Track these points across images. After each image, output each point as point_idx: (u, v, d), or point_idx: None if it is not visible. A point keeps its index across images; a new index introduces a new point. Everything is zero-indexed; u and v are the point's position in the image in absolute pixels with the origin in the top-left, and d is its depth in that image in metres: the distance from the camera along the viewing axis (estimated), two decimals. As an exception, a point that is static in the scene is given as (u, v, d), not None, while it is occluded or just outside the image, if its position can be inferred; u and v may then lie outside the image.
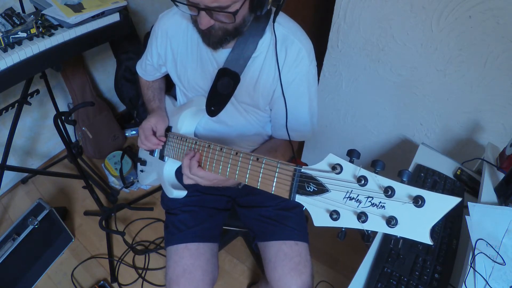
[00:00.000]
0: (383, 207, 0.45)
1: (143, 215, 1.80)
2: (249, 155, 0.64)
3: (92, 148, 2.02)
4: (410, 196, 0.43)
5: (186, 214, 1.02)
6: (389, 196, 0.44)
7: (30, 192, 1.93)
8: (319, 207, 0.51)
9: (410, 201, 0.43)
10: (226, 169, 0.70)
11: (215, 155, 0.73)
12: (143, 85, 1.15)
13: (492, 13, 0.97)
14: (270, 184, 0.59)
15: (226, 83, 0.85)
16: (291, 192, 0.55)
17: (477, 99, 1.14)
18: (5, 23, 1.15)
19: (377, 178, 0.45)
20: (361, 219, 0.46)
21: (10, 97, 1.63)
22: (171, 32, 0.92)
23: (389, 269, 0.80)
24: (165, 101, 1.13)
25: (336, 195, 0.49)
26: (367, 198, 0.46)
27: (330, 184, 0.49)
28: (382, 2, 1.15)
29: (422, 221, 0.43)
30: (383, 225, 0.45)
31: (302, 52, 0.84)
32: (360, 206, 0.47)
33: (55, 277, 1.55)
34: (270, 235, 0.99)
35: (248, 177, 0.64)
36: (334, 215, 0.48)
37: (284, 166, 0.57)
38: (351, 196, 0.47)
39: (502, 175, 0.96)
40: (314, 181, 0.51)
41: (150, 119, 1.00)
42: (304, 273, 0.93)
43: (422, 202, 0.42)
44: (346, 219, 0.48)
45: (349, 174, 0.47)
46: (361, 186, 0.46)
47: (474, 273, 0.72)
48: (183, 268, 0.93)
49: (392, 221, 0.44)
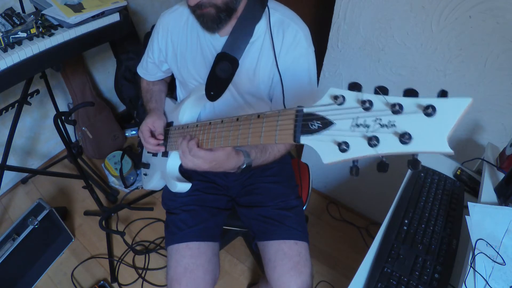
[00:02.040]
0: (393, 125, 0.41)
1: (143, 215, 1.80)
2: (250, 116, 0.63)
3: (92, 148, 2.02)
4: (419, 106, 0.40)
5: (186, 213, 1.02)
6: (397, 112, 0.41)
7: (30, 192, 1.93)
8: (326, 141, 0.47)
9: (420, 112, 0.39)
10: (228, 138, 0.69)
11: (216, 130, 0.73)
12: (143, 89, 1.16)
13: (492, 13, 0.97)
14: (272, 135, 0.57)
15: (225, 67, 0.87)
16: (295, 134, 0.51)
17: (477, 99, 1.14)
18: (5, 23, 1.15)
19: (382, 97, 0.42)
20: (372, 144, 0.42)
21: (10, 97, 1.63)
22: (172, 26, 0.96)
23: (389, 269, 0.80)
24: (166, 101, 1.14)
25: (342, 125, 0.45)
26: (375, 120, 0.42)
27: (335, 116, 0.46)
28: (382, 2, 1.16)
29: (437, 130, 0.39)
30: (397, 144, 0.41)
31: (299, 34, 0.86)
32: (369, 130, 0.43)
33: (55, 277, 1.55)
34: (270, 234, 0.99)
35: (250, 137, 0.63)
36: (342, 146, 0.45)
37: (285, 112, 0.55)
38: (358, 122, 0.44)
39: (502, 175, 0.96)
40: (318, 117, 0.48)
41: (147, 119, 1.01)
42: (304, 273, 0.93)
43: (433, 110, 0.39)
44: (356, 148, 0.44)
45: (353, 101, 0.44)
46: (366, 110, 0.43)
47: (474, 273, 0.72)
48: (184, 267, 0.93)
49: (405, 137, 0.40)
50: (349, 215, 1.82)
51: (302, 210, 1.09)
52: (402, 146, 0.41)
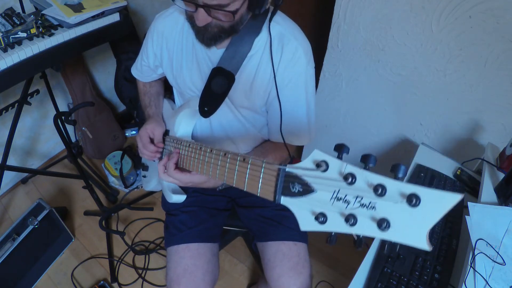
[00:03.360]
0: (373, 208, 0.40)
1: (143, 215, 1.80)
2: (236, 156, 0.62)
3: (92, 148, 2.02)
4: (403, 194, 0.37)
5: (186, 214, 1.02)
6: (380, 195, 0.39)
7: (30, 192, 1.93)
8: (305, 209, 0.46)
9: (403, 200, 0.37)
10: (216, 170, 0.68)
11: (205, 157, 0.72)
12: (140, 91, 1.13)
13: (492, 13, 0.97)
14: (256, 186, 0.55)
15: (220, 82, 0.83)
16: (275, 193, 0.50)
17: (477, 99, 1.14)
18: (5, 23, 1.15)
19: (366, 175, 0.40)
20: (349, 222, 0.41)
21: (10, 97, 1.63)
22: (167, 33, 0.91)
23: (389, 269, 0.80)
24: (164, 104, 1.12)
25: (323, 195, 0.44)
26: (356, 198, 0.41)
27: (316, 184, 0.45)
28: (382, 2, 1.15)
29: (418, 223, 0.37)
30: (374, 229, 0.40)
31: (299, 51, 0.82)
32: (348, 207, 0.41)
33: (55, 277, 1.55)
34: (269, 235, 0.99)
35: (236, 179, 0.61)
36: (320, 218, 0.43)
37: (268, 165, 0.53)
38: (339, 196, 0.42)
39: (502, 175, 0.96)
40: (300, 181, 0.46)
41: (146, 126, 0.98)
42: (303, 273, 0.93)
43: (417, 201, 0.36)
44: (333, 222, 0.43)
45: (336, 172, 0.43)
46: (349, 184, 0.41)
47: (474, 273, 0.72)
48: (183, 268, 0.93)
49: (383, 224, 0.38)
50: (349, 215, 1.82)
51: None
52: (379, 232, 0.39)
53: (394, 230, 0.39)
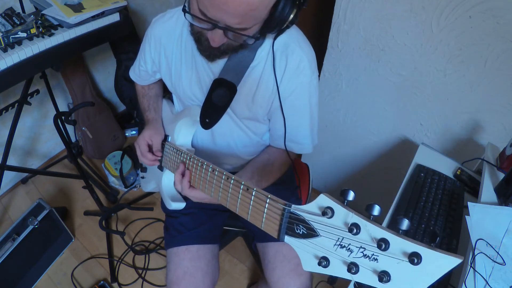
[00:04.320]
0: (375, 260, 0.41)
1: (143, 215, 1.80)
2: (239, 183, 0.61)
3: (92, 148, 2.02)
4: (405, 252, 0.39)
5: (186, 216, 1.02)
6: (383, 249, 0.40)
7: (30, 192, 1.92)
8: (308, 251, 0.47)
9: (405, 259, 0.39)
10: (218, 192, 0.67)
11: (207, 176, 0.70)
12: (139, 93, 1.11)
13: (492, 13, 0.97)
14: (259, 219, 0.56)
15: (222, 94, 0.80)
16: (279, 232, 0.51)
17: (477, 99, 1.14)
18: (5, 23, 1.15)
19: (370, 228, 0.41)
20: (351, 271, 0.43)
21: (10, 97, 1.63)
22: (165, 39, 0.88)
23: (389, 269, 0.79)
24: (163, 107, 1.10)
25: (326, 241, 0.45)
26: (359, 248, 0.42)
27: (321, 230, 0.46)
28: (382, 2, 1.15)
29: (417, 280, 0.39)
30: (375, 281, 0.41)
31: (304, 62, 0.79)
32: (351, 255, 0.43)
33: (55, 277, 1.55)
34: (269, 236, 0.98)
35: (238, 207, 0.62)
36: (323, 262, 0.45)
37: (273, 202, 0.54)
38: (342, 244, 0.44)
39: (502, 175, 0.96)
40: (304, 224, 0.48)
41: (145, 133, 0.97)
42: (303, 275, 0.93)
43: (418, 260, 0.38)
44: (335, 267, 0.45)
45: (341, 220, 0.44)
46: (353, 235, 0.42)
47: (474, 273, 0.72)
48: (183, 270, 0.93)
49: (384, 278, 0.40)
50: (349, 215, 1.82)
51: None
52: (379, 284, 0.41)
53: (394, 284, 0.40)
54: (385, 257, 0.41)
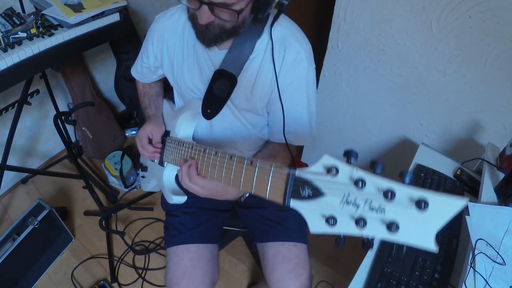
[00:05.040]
0: (383, 211, 0.41)
1: (143, 215, 1.80)
2: (243, 159, 0.62)
3: (92, 148, 2.02)
4: (412, 199, 0.39)
5: (186, 215, 1.02)
6: (389, 199, 0.40)
7: (30, 192, 1.93)
8: (314, 212, 0.47)
9: (412, 205, 0.39)
10: (221, 173, 0.67)
11: (210, 160, 0.71)
12: (140, 92, 1.13)
13: (492, 13, 0.97)
14: (264, 189, 0.56)
15: (223, 85, 0.83)
16: (285, 197, 0.51)
17: (477, 99, 1.14)
18: (5, 23, 1.15)
19: (376, 180, 0.41)
20: (359, 225, 0.42)
21: (10, 97, 1.63)
22: (168, 35, 0.91)
23: (389, 269, 0.80)
24: (163, 105, 1.11)
25: (333, 199, 0.45)
26: (366, 202, 0.42)
27: (326, 188, 0.46)
28: (382, 2, 1.15)
29: (426, 226, 0.39)
30: (383, 231, 0.41)
31: (301, 54, 0.82)
32: (358, 210, 0.43)
33: (55, 277, 1.55)
34: (269, 236, 0.99)
35: (242, 182, 0.62)
36: (330, 221, 0.45)
37: (277, 169, 0.54)
38: (349, 200, 0.44)
39: (502, 175, 0.96)
40: (309, 185, 0.48)
41: (146, 126, 0.98)
42: (303, 275, 0.93)
43: (425, 205, 0.38)
44: (343, 225, 0.44)
45: (346, 177, 0.44)
46: (358, 189, 0.42)
47: (474, 273, 0.72)
48: (183, 270, 0.93)
49: (392, 227, 0.40)
50: (349, 215, 1.82)
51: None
52: (388, 234, 0.41)
53: (403, 233, 0.40)
54: (392, 207, 0.41)
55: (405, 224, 0.40)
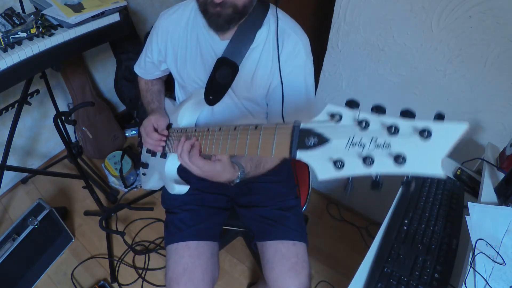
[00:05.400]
0: (388, 146, 0.42)
1: (143, 215, 1.80)
2: (247, 126, 0.64)
3: (92, 148, 2.02)
4: (415, 129, 0.40)
5: (186, 213, 1.02)
6: (393, 133, 0.41)
7: (30, 192, 1.93)
8: (321, 159, 0.47)
9: (416, 135, 0.40)
10: (226, 145, 0.69)
11: (214, 137, 0.74)
12: (142, 88, 1.16)
13: (492, 13, 0.97)
14: (269, 148, 0.57)
15: (225, 72, 0.87)
16: (291, 149, 0.52)
17: (477, 99, 1.14)
18: (5, 23, 1.15)
19: (379, 118, 0.43)
20: (367, 163, 0.43)
21: (10, 97, 1.63)
22: (172, 28, 0.95)
23: (389, 269, 0.80)
24: (165, 102, 1.15)
25: (338, 143, 0.46)
26: (371, 140, 0.43)
27: (331, 133, 0.47)
28: (382, 2, 1.15)
29: (432, 153, 0.40)
30: (391, 165, 0.42)
31: (299, 45, 0.87)
32: (364, 150, 0.44)
33: (55, 277, 1.55)
34: (268, 235, 0.99)
35: (247, 148, 0.63)
36: (338, 164, 0.45)
37: (282, 126, 0.55)
38: (354, 141, 0.44)
39: (502, 175, 0.96)
40: (314, 133, 0.48)
41: (150, 117, 1.02)
42: (302, 274, 0.93)
43: (428, 134, 0.39)
44: (351, 166, 0.45)
45: (350, 119, 0.45)
46: (363, 129, 0.43)
47: (474, 273, 0.72)
48: (183, 267, 0.93)
49: (399, 159, 0.41)
50: (349, 215, 1.82)
51: (301, 210, 1.09)
52: (396, 167, 0.42)
53: (410, 163, 0.41)
54: (397, 140, 0.42)
55: (411, 155, 0.41)
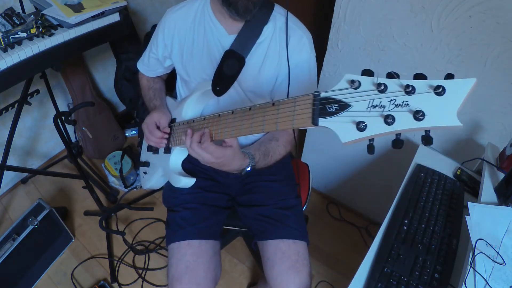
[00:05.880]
0: (407, 104, 0.45)
1: (143, 215, 1.80)
2: (264, 105, 0.65)
3: (92, 148, 2.02)
4: (430, 87, 0.44)
5: (188, 211, 1.02)
6: (410, 92, 0.45)
7: (30, 192, 1.92)
8: (344, 122, 0.50)
9: (431, 92, 0.44)
10: (240, 128, 0.70)
11: (227, 121, 0.74)
12: (144, 86, 1.16)
13: (492, 13, 0.97)
14: (290, 120, 0.59)
15: (232, 64, 0.89)
16: (313, 118, 0.53)
17: (477, 99, 1.14)
18: (5, 23, 1.15)
19: (396, 81, 0.46)
20: (388, 121, 0.46)
21: (10, 97, 1.63)
22: (179, 24, 0.97)
23: (389, 269, 0.80)
24: (167, 99, 1.15)
25: (359, 106, 0.49)
26: (390, 101, 0.46)
27: (352, 98, 0.49)
28: (382, 2, 1.15)
29: (448, 106, 0.44)
30: (411, 121, 0.45)
31: (304, 39, 0.91)
32: (385, 110, 0.47)
33: (55, 277, 1.55)
34: (269, 234, 0.99)
35: (265, 125, 0.64)
36: (360, 125, 0.48)
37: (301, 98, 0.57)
38: (374, 104, 0.47)
39: (502, 175, 0.96)
40: (335, 100, 0.51)
41: (153, 114, 1.02)
42: (302, 272, 0.93)
43: (442, 90, 0.43)
44: (373, 126, 0.48)
45: (368, 85, 0.48)
46: (381, 92, 0.47)
47: (474, 273, 0.72)
48: (185, 265, 0.92)
49: (419, 114, 0.44)
50: (349, 215, 1.82)
51: (302, 209, 1.09)
52: (416, 123, 0.45)
53: (429, 118, 0.44)
54: (415, 99, 0.45)
55: (429, 110, 0.44)
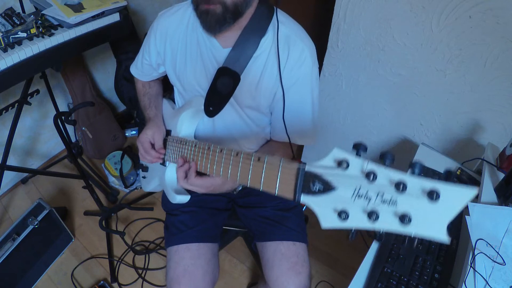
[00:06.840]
0: (395, 203, 0.41)
1: (143, 215, 1.80)
2: (250, 155, 0.61)
3: (92, 148, 2.02)
4: (424, 190, 0.39)
5: (186, 214, 1.02)
6: (401, 191, 0.40)
7: (30, 192, 1.92)
8: (326, 207, 0.46)
9: (423, 196, 0.39)
10: (227, 171, 0.67)
11: (215, 157, 0.71)
12: (139, 91, 1.12)
13: (492, 13, 0.97)
14: (273, 185, 0.55)
15: (226, 82, 0.83)
16: (295, 192, 0.50)
17: (477, 99, 1.14)
18: (5, 23, 1.15)
19: (387, 172, 0.41)
20: (371, 218, 0.42)
21: (10, 97, 1.63)
22: (171, 31, 0.90)
23: (389, 269, 0.80)
24: (163, 104, 1.10)
25: (344, 192, 0.44)
26: (377, 195, 0.42)
27: (337, 182, 0.45)
28: (382, 2, 1.16)
29: (438, 217, 0.39)
30: (396, 224, 0.41)
31: (305, 52, 0.83)
32: (370, 203, 0.43)
33: (55, 277, 1.55)
34: (268, 235, 0.99)
35: (250, 179, 0.61)
36: (342, 215, 0.44)
37: (286, 164, 0.53)
38: (360, 193, 0.43)
39: (502, 175, 0.96)
40: (320, 179, 0.47)
41: (147, 131, 0.97)
42: (302, 273, 0.93)
43: (436, 196, 0.38)
44: (355, 218, 0.44)
45: (357, 169, 0.43)
46: (370, 181, 0.42)
47: (474, 273, 0.72)
48: (184, 268, 0.93)
49: (405, 219, 0.40)
50: (349, 215, 1.82)
51: (302, 210, 1.09)
52: (400, 227, 0.41)
53: (415, 224, 0.40)
54: (404, 199, 0.40)
55: (417, 216, 0.40)
